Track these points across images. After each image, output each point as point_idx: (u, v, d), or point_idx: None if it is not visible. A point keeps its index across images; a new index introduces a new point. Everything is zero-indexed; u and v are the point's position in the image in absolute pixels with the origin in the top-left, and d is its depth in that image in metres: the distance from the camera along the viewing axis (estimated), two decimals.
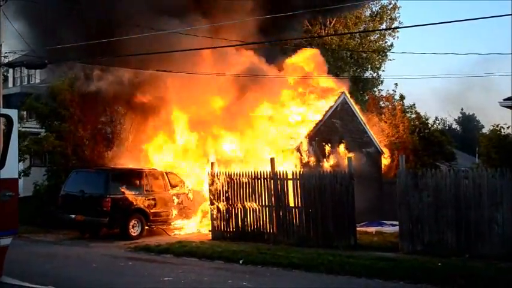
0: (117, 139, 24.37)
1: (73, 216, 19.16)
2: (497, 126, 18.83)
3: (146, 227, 19.80)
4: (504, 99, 15.94)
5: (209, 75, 21.20)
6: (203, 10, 22.18)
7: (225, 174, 18.82)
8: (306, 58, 25.65)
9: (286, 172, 17.94)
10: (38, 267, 13.73)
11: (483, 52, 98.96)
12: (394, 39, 41.96)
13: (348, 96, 25.52)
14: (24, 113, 26.06)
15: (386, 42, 41.69)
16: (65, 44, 19.73)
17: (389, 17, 41.41)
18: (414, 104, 33.79)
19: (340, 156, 23.12)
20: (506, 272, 12.65)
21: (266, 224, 17.85)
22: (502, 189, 14.40)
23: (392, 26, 40.30)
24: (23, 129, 23.81)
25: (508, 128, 18.60)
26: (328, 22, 38.17)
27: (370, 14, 41.34)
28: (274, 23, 22.60)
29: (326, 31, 37.30)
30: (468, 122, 64.88)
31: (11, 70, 37.22)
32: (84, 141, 23.18)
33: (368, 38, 40.54)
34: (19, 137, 11.83)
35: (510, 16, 14.10)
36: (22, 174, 22.29)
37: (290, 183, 17.61)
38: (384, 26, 40.71)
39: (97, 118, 24.14)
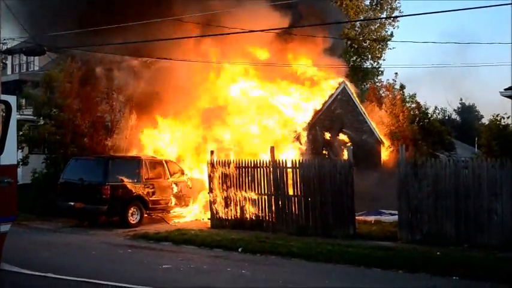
0: (116, 127, 24.32)
1: (72, 203, 19.15)
2: (497, 116, 18.80)
3: (145, 215, 19.80)
4: (505, 89, 15.90)
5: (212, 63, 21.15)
6: None
7: (225, 163, 18.80)
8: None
9: (285, 161, 17.90)
10: (36, 254, 13.74)
11: (484, 41, 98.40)
12: (394, 28, 41.85)
13: (348, 85, 25.48)
14: (23, 100, 26.00)
15: (386, 31, 41.59)
16: (64, 30, 19.64)
17: (389, 6, 41.27)
18: (415, 94, 33.73)
19: (340, 145, 23.11)
20: (505, 261, 12.66)
21: (265, 212, 17.85)
22: (502, 179, 14.38)
23: (393, 15, 40.16)
24: (20, 117, 23.83)
25: (508, 118, 18.59)
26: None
27: (370, 2, 41.19)
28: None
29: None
30: (468, 112, 64.75)
31: (9, 57, 37.11)
32: (83, 129, 23.12)
33: (368, 27, 40.42)
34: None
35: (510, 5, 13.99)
36: (21, 163, 22.28)
37: (290, 172, 17.59)
38: (384, 15, 40.58)
39: (96, 106, 24.06)
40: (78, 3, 20.75)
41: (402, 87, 34.03)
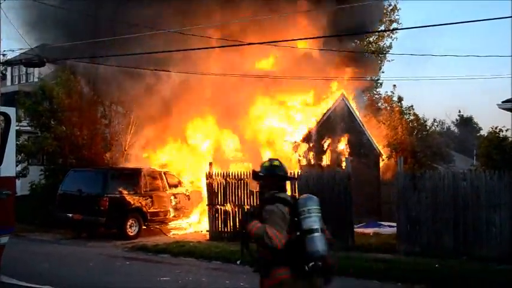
0: (115, 140, 24.34)
1: (70, 215, 19.12)
2: (496, 128, 18.83)
3: (144, 227, 19.77)
4: (503, 102, 15.95)
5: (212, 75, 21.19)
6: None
7: (223, 175, 18.80)
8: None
9: None
10: (35, 266, 13.71)
11: (482, 54, 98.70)
12: (392, 40, 41.88)
13: (347, 97, 25.51)
14: (21, 112, 25.99)
15: (384, 43, 41.63)
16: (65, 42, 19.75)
17: (388, 19, 41.33)
18: (412, 106, 33.73)
19: (338, 157, 23.12)
20: (503, 274, 12.65)
21: None
22: (500, 191, 14.39)
23: (391, 28, 40.22)
24: (18, 128, 23.84)
25: (507, 130, 18.62)
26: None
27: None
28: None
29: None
30: (466, 124, 64.89)
31: (9, 68, 37.15)
32: (82, 141, 23.12)
33: (367, 39, 40.46)
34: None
35: (510, 18, 14.07)
36: (20, 175, 22.26)
37: (288, 183, 17.52)
38: (382, 28, 40.61)
39: (95, 119, 24.09)
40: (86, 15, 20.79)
41: (400, 99, 34.05)
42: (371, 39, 40.19)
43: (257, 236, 5.18)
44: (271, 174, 5.43)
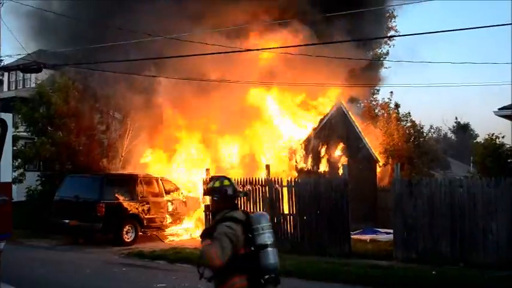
0: (112, 146, 24.33)
1: (67, 221, 19.07)
2: (492, 135, 18.89)
3: (140, 233, 19.73)
4: (499, 109, 16.01)
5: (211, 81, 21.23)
6: None
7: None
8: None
9: (281, 179, 17.92)
10: (31, 272, 13.67)
11: (478, 61, 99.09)
12: (390, 47, 41.92)
13: (344, 104, 25.56)
14: (18, 118, 25.97)
15: (381, 50, 41.66)
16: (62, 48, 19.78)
17: (385, 25, 41.36)
18: (409, 113, 33.77)
19: (335, 163, 23.14)
20: (500, 280, 12.66)
21: None
22: (497, 198, 14.41)
23: (388, 35, 40.25)
24: (14, 134, 23.84)
25: (503, 137, 18.67)
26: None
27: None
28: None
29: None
30: (463, 130, 65.01)
31: (6, 74, 37.10)
32: (79, 147, 23.10)
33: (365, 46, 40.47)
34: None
35: (510, 25, 14.14)
36: (17, 181, 22.23)
37: (285, 190, 17.59)
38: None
39: (92, 125, 24.08)
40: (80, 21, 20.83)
41: (397, 105, 34.10)
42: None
43: (201, 255, 5.61)
44: (223, 194, 5.72)
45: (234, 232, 5.41)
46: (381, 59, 40.34)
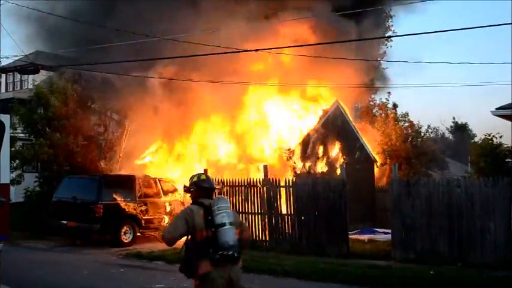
0: (109, 147, 24.32)
1: (65, 222, 19.06)
2: (489, 135, 18.89)
3: (138, 234, 19.71)
4: (497, 108, 16.04)
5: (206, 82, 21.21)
6: None
7: (218, 181, 18.77)
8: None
9: (279, 179, 17.93)
10: (29, 273, 13.66)
11: (476, 61, 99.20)
12: (387, 47, 41.92)
13: (342, 104, 25.57)
14: (16, 119, 25.94)
15: (379, 51, 41.63)
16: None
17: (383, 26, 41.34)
18: (407, 113, 33.78)
19: (333, 164, 23.15)
20: (498, 280, 12.67)
21: (258, 231, 17.83)
22: (494, 198, 14.44)
23: (386, 35, 40.25)
24: (13, 135, 23.82)
25: (501, 137, 18.67)
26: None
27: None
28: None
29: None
30: (461, 131, 65.06)
31: (3, 75, 37.09)
32: (77, 148, 23.07)
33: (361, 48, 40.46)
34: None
35: (507, 25, 14.15)
36: (15, 182, 22.21)
37: (283, 190, 17.60)
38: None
39: (90, 126, 24.07)
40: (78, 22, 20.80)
41: (395, 106, 34.10)
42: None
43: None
44: (199, 187, 6.49)
45: (191, 213, 6.13)
46: (378, 59, 40.37)
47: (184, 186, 6.64)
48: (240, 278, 6.24)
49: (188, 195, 6.63)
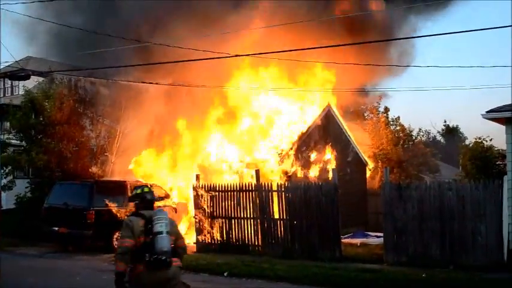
0: (101, 153, 24.27)
1: (56, 228, 18.99)
2: (480, 138, 18.99)
3: None
4: (487, 111, 16.10)
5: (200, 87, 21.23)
6: None
7: (210, 186, 18.78)
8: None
9: (271, 184, 17.95)
10: (21, 280, 13.60)
11: (465, 65, 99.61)
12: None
13: (333, 107, 25.61)
14: (7, 124, 25.84)
15: None
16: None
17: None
18: (399, 117, 33.90)
19: (324, 168, 23.18)
20: (489, 283, 12.74)
21: (251, 236, 17.84)
22: (486, 201, 14.52)
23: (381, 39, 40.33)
24: (5, 140, 23.75)
25: (491, 140, 18.76)
26: None
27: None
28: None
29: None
30: (452, 134, 65.20)
31: None
32: (68, 154, 22.99)
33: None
34: None
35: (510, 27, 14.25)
36: (7, 189, 22.12)
37: (275, 195, 17.62)
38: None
39: (82, 131, 24.01)
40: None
41: (386, 109, 34.23)
42: None
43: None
44: (142, 198, 7.25)
45: (132, 223, 6.91)
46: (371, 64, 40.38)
47: (129, 197, 7.29)
48: (175, 278, 6.93)
49: (132, 204, 7.39)
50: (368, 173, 28.22)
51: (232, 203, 18.27)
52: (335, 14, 21.96)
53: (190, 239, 20.16)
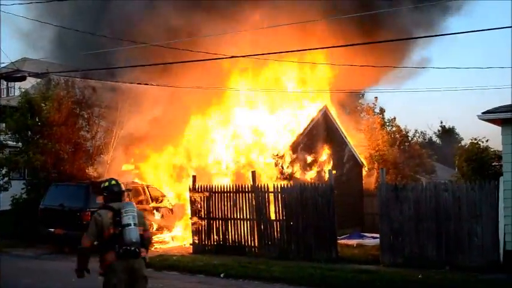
0: (97, 154, 24.23)
1: (53, 230, 18.95)
2: (475, 139, 19.02)
3: None
4: (483, 113, 16.13)
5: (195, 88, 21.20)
6: None
7: (206, 188, 18.77)
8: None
9: (267, 185, 17.95)
10: (17, 282, 13.58)
11: (460, 66, 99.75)
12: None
13: (329, 108, 25.63)
14: (3, 125, 25.76)
15: None
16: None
17: None
18: (394, 118, 33.99)
19: (321, 169, 23.19)
20: (485, 283, 12.76)
21: (247, 237, 17.83)
22: (481, 201, 14.55)
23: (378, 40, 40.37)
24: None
25: (487, 141, 18.79)
26: None
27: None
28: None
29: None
30: (448, 134, 65.31)
31: None
32: (65, 154, 22.95)
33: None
34: None
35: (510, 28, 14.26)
36: (2, 190, 22.05)
37: (271, 196, 17.61)
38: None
39: (78, 132, 23.97)
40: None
41: (382, 110, 34.30)
42: None
43: None
44: (110, 191, 7.68)
45: (101, 218, 7.32)
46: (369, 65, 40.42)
47: (97, 191, 7.64)
48: (141, 269, 7.43)
49: (101, 197, 7.75)
50: (364, 174, 28.23)
51: (229, 204, 18.25)
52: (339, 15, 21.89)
53: (187, 241, 20.17)
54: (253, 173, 18.40)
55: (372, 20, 21.91)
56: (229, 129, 23.54)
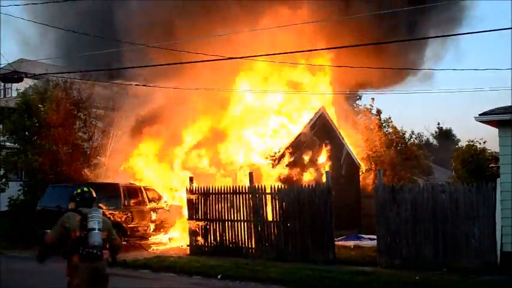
0: (94, 155, 24.19)
1: (49, 231, 18.85)
2: (472, 141, 19.08)
3: (123, 242, 19.56)
4: (480, 114, 16.15)
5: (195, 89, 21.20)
6: None
7: (204, 189, 18.74)
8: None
9: (264, 186, 17.92)
10: (13, 283, 13.55)
11: (458, 68, 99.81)
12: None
13: (327, 110, 25.62)
14: (1, 126, 25.70)
15: None
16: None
17: None
18: (390, 118, 33.94)
19: (318, 170, 23.18)
20: (482, 285, 12.75)
21: (244, 238, 17.81)
22: (479, 203, 14.53)
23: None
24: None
25: (484, 142, 18.85)
26: None
27: None
28: None
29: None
30: (445, 136, 65.34)
31: None
32: (62, 156, 22.91)
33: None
34: None
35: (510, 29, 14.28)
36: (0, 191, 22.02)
37: (269, 197, 17.59)
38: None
39: (75, 133, 23.93)
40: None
41: (379, 112, 34.26)
42: None
43: None
44: (82, 197, 8.25)
45: (68, 219, 8.00)
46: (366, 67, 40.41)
47: (71, 197, 8.47)
48: (104, 269, 8.18)
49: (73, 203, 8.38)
50: (361, 176, 28.21)
51: (226, 205, 18.22)
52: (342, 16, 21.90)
53: (184, 242, 20.14)
54: (251, 174, 18.38)
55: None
56: (228, 129, 23.51)
